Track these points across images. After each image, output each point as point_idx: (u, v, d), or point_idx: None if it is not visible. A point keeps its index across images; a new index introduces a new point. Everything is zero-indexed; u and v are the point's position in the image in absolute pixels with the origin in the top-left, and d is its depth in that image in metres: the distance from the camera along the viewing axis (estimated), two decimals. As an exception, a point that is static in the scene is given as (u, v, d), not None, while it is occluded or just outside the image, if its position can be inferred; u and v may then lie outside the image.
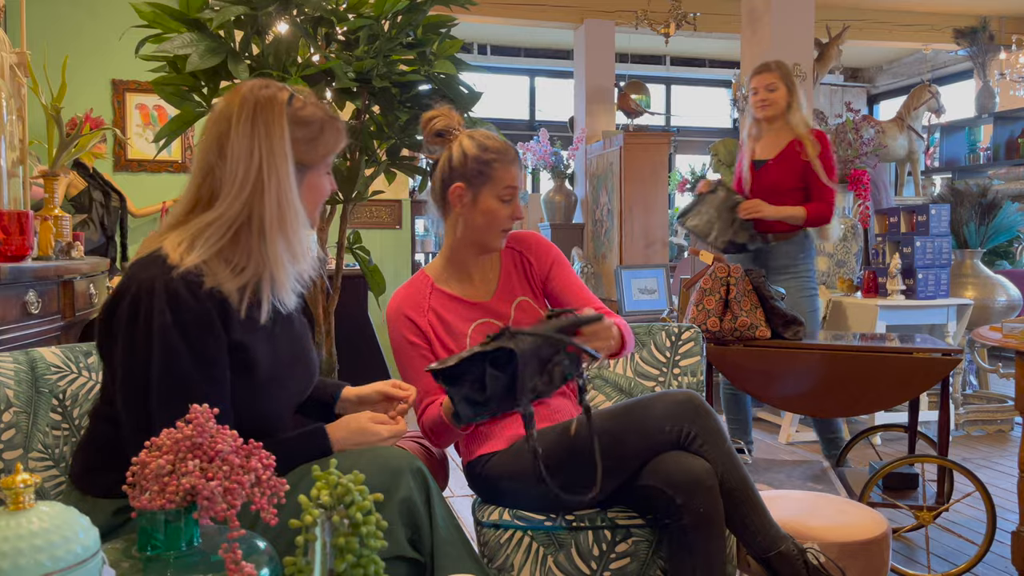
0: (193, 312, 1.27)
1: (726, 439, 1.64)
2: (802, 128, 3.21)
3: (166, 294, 1.26)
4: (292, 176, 1.33)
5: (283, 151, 1.32)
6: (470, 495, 3.24)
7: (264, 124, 1.31)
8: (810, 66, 5.50)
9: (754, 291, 2.62)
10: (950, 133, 7.65)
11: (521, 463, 1.69)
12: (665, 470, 1.59)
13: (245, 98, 1.33)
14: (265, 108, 1.32)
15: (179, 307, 1.26)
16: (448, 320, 1.76)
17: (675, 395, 1.66)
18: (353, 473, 1.03)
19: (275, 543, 1.13)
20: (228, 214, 1.30)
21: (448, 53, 2.32)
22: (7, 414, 1.41)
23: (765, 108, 3.23)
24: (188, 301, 1.26)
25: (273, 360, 1.38)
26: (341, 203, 2.45)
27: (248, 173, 1.30)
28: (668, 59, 8.71)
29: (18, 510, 0.87)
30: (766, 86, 3.23)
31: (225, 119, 1.33)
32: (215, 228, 1.30)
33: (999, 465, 3.65)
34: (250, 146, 1.31)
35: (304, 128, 1.36)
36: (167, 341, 1.25)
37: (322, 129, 1.38)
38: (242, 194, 1.30)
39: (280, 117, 1.33)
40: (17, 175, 2.42)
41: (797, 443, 4.06)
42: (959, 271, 4.40)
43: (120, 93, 4.70)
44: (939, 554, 2.64)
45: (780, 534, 1.63)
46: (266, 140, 1.31)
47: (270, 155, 1.31)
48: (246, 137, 1.31)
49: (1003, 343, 2.26)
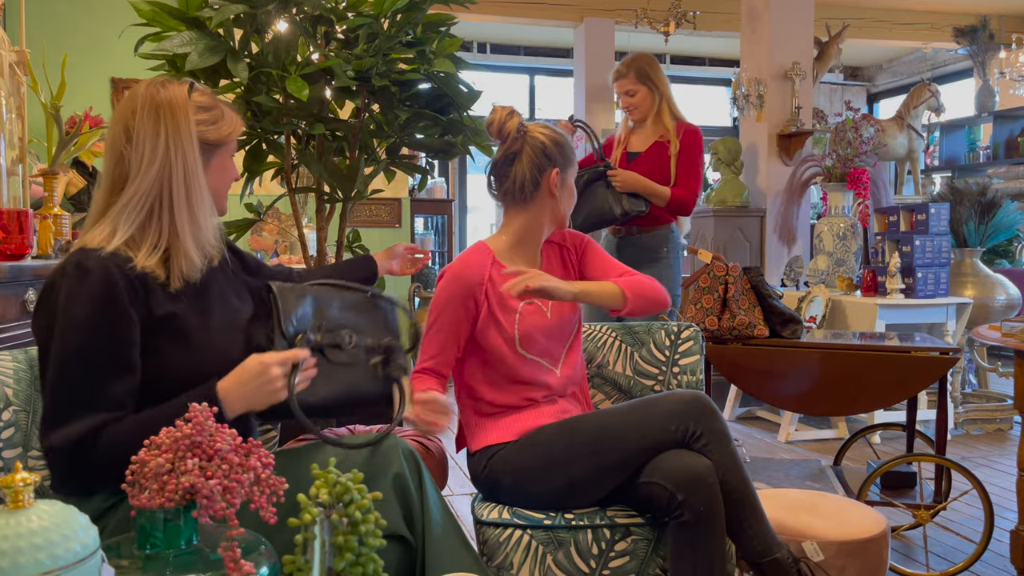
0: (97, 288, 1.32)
1: (730, 441, 1.65)
2: (671, 126, 3.17)
3: (76, 271, 1.33)
4: (198, 155, 1.42)
5: (188, 131, 1.41)
6: (469, 494, 3.25)
7: (168, 108, 1.40)
8: (810, 65, 5.50)
9: (752, 290, 2.62)
10: (950, 132, 7.65)
11: (527, 458, 1.70)
12: (667, 467, 1.60)
13: (147, 90, 1.42)
14: (167, 96, 1.41)
15: (85, 283, 1.32)
16: (505, 297, 1.80)
17: (682, 394, 1.68)
18: (352, 472, 1.03)
19: (274, 541, 1.13)
20: (139, 192, 1.38)
21: (448, 52, 2.32)
22: (6, 412, 1.41)
23: (632, 112, 3.22)
24: (94, 276, 1.32)
25: (206, 326, 1.43)
26: (340, 202, 2.45)
27: (155, 152, 1.39)
28: (668, 58, 8.71)
29: (17, 508, 0.87)
30: (625, 92, 3.20)
31: (130, 109, 1.41)
32: (130, 208, 1.39)
33: (998, 464, 3.65)
34: (155, 128, 1.39)
35: (205, 112, 1.45)
36: (69, 312, 1.31)
37: (223, 113, 1.48)
38: (150, 172, 1.38)
39: (183, 101, 1.42)
40: (16, 174, 2.42)
41: (796, 442, 4.06)
42: (958, 270, 4.40)
43: (119, 91, 4.70)
44: (937, 553, 2.65)
45: (776, 541, 1.63)
46: (171, 120, 1.40)
47: (176, 134, 1.39)
48: (151, 120, 1.39)
49: (1002, 342, 2.26)
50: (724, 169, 5.32)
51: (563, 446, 1.69)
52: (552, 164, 1.83)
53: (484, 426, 1.81)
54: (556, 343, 1.86)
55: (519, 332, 1.79)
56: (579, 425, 1.71)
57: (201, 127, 1.43)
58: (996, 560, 2.56)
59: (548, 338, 1.83)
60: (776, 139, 5.44)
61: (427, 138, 2.46)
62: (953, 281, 4.32)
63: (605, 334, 2.14)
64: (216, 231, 1.50)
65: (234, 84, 2.24)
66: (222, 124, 1.47)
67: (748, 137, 5.61)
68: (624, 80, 3.19)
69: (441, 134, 2.43)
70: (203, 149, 1.44)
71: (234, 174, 1.54)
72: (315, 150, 2.42)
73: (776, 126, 5.43)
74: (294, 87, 2.06)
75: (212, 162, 1.47)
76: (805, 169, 4.93)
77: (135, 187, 1.39)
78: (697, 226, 5.45)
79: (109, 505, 1.34)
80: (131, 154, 1.39)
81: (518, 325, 1.79)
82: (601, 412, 1.74)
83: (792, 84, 5.40)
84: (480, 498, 1.84)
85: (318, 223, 2.50)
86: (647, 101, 3.18)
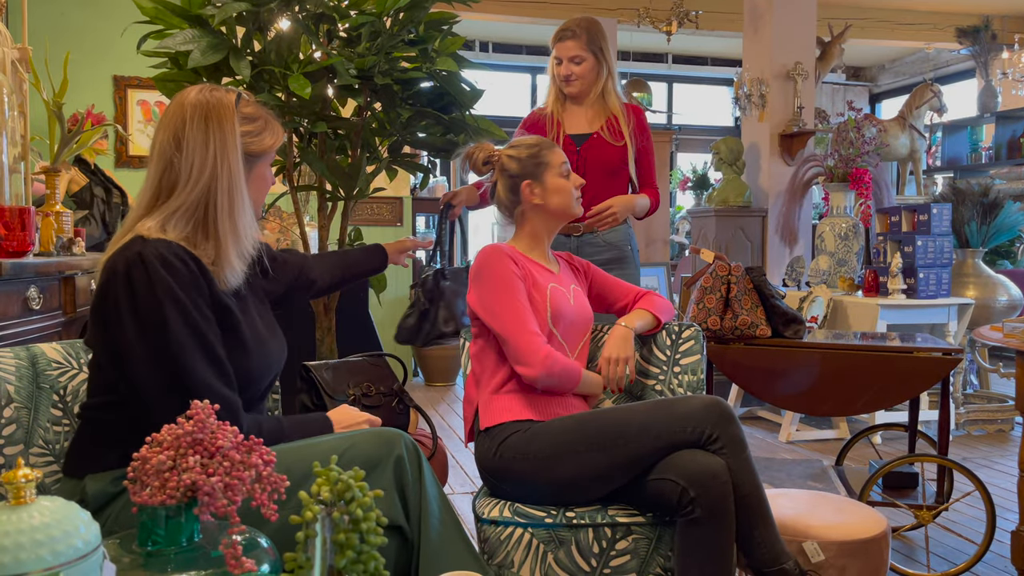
0: (184, 274, 1.38)
1: (746, 448, 1.65)
2: (619, 107, 2.67)
3: (158, 260, 1.36)
4: (241, 166, 1.46)
5: (234, 143, 1.45)
6: (470, 493, 3.25)
7: (217, 119, 1.44)
8: (812, 64, 5.49)
9: (755, 290, 2.61)
10: (952, 132, 7.64)
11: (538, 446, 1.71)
12: (681, 464, 1.61)
13: (197, 99, 1.46)
14: (216, 106, 1.45)
15: (173, 270, 1.36)
16: (535, 276, 1.91)
17: (701, 398, 1.69)
18: (354, 469, 1.03)
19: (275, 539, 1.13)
20: (189, 200, 1.42)
21: (450, 50, 2.32)
22: (8, 409, 1.41)
23: (570, 83, 2.63)
24: (176, 264, 1.37)
25: (252, 324, 1.51)
26: (342, 200, 2.45)
27: (204, 163, 1.42)
28: (670, 57, 8.70)
29: (19, 505, 0.87)
30: (571, 58, 2.61)
31: (180, 118, 1.44)
32: (180, 214, 1.42)
33: (999, 465, 3.65)
34: (205, 139, 1.43)
35: (250, 123, 1.49)
36: (176, 298, 1.35)
37: (266, 124, 1.52)
38: (200, 182, 1.42)
39: (231, 113, 1.46)
40: (19, 171, 2.42)
41: (797, 442, 4.06)
42: (960, 270, 4.40)
43: (122, 89, 4.70)
44: (939, 553, 2.64)
45: (784, 551, 1.63)
46: (219, 133, 1.44)
47: (223, 147, 1.43)
48: (200, 132, 1.43)
49: (1004, 343, 2.26)
50: (726, 169, 5.32)
51: (576, 437, 1.69)
52: (522, 179, 1.95)
53: (505, 402, 1.82)
54: (575, 331, 1.94)
55: (551, 307, 1.88)
56: (593, 418, 1.72)
57: (246, 139, 1.47)
58: (997, 561, 2.56)
59: (570, 322, 1.92)
60: (778, 139, 5.44)
61: (429, 136, 2.46)
62: (955, 282, 4.32)
63: (606, 333, 2.14)
64: (256, 241, 1.55)
65: (237, 82, 2.24)
66: (265, 135, 1.51)
67: (750, 137, 5.61)
68: (572, 42, 2.59)
69: (443, 133, 2.43)
70: (245, 160, 1.48)
71: (270, 182, 1.59)
72: (317, 148, 2.42)
73: (778, 126, 5.43)
74: (296, 85, 2.06)
75: (253, 172, 1.51)
76: (807, 169, 4.93)
77: (185, 195, 1.42)
78: (699, 226, 5.45)
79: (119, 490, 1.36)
80: (181, 163, 1.42)
81: (549, 300, 1.89)
82: (617, 408, 1.76)
83: (794, 84, 5.40)
84: (481, 495, 1.84)
85: (320, 221, 2.50)
86: (592, 74, 2.63)
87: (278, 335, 1.61)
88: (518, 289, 1.83)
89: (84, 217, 3.13)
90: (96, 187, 3.38)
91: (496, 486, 1.80)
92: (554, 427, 1.74)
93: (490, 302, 1.83)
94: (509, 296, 1.82)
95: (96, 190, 3.37)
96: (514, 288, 1.83)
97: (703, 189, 6.96)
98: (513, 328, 1.79)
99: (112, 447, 1.38)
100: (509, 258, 1.88)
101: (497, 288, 1.83)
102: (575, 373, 1.84)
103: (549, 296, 1.89)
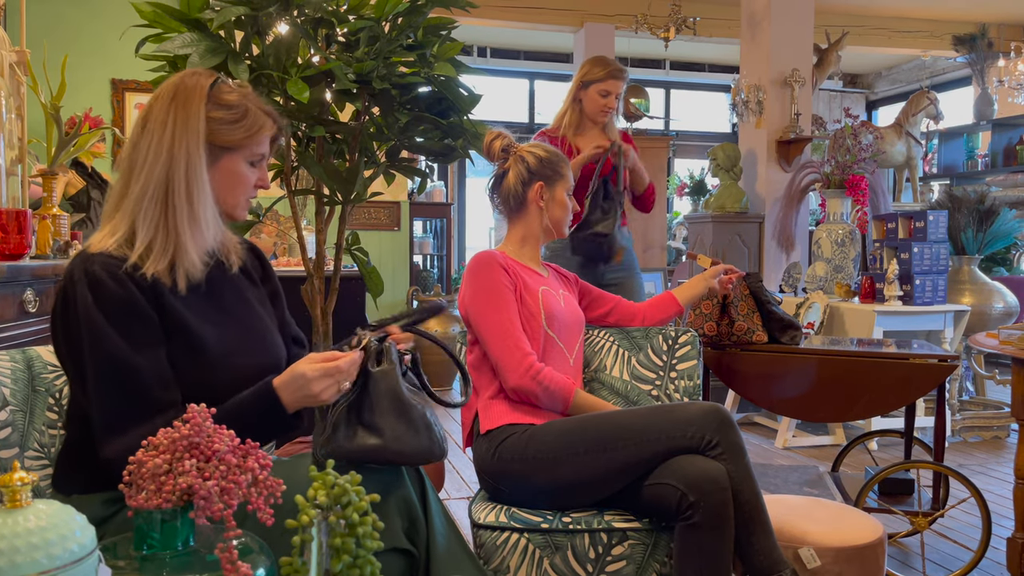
0: (114, 295, 1.29)
1: (746, 455, 1.65)
2: (617, 132, 3.16)
3: (86, 278, 1.30)
4: (202, 152, 1.36)
5: (196, 127, 1.35)
6: (466, 498, 3.25)
7: (183, 99, 1.36)
8: (809, 71, 5.50)
9: (751, 295, 2.62)
10: (948, 139, 7.66)
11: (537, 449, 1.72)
12: (680, 469, 1.61)
13: (173, 80, 1.39)
14: (186, 87, 1.37)
15: (100, 291, 1.29)
16: (526, 280, 1.90)
17: (701, 404, 1.70)
18: (350, 474, 1.03)
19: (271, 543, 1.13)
20: (145, 185, 1.34)
21: (448, 55, 2.33)
22: (3, 412, 1.40)
23: (603, 115, 3.09)
24: (107, 284, 1.29)
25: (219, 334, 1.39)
26: (340, 204, 2.45)
27: (161, 144, 1.34)
28: (668, 63, 8.72)
29: (15, 508, 0.87)
30: (616, 95, 3.08)
31: (154, 96, 1.38)
32: (135, 202, 1.35)
33: (995, 471, 3.66)
34: (165, 119, 1.35)
35: (224, 110, 1.38)
36: (92, 322, 1.28)
37: (244, 114, 1.39)
38: (157, 164, 1.34)
39: (199, 94, 1.36)
40: (16, 174, 2.42)
41: (793, 448, 4.06)
42: (956, 277, 4.41)
43: (120, 92, 4.70)
44: (934, 560, 2.64)
45: (782, 559, 1.63)
46: (182, 112, 1.35)
47: (183, 128, 1.34)
48: (163, 111, 1.35)
49: (1000, 349, 2.26)
50: (723, 175, 5.32)
51: (575, 440, 1.70)
52: (536, 178, 1.97)
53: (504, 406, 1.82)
54: (570, 332, 1.96)
55: (544, 309, 1.89)
56: (593, 422, 1.72)
57: (212, 125, 1.36)
58: (993, 568, 2.56)
59: (564, 323, 1.94)
60: (775, 145, 5.45)
61: (427, 141, 2.46)
62: (951, 288, 4.33)
63: (603, 338, 2.14)
64: (221, 233, 1.44)
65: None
66: (237, 128, 1.38)
67: (747, 143, 5.62)
68: (619, 82, 3.08)
69: (441, 137, 2.43)
70: (209, 148, 1.36)
71: (248, 181, 1.44)
72: (315, 152, 2.42)
73: (775, 132, 5.44)
74: (295, 89, 2.06)
75: (219, 164, 1.39)
76: (804, 175, 4.94)
77: (143, 179, 1.34)
78: (696, 231, 5.46)
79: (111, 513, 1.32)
80: (141, 143, 1.36)
81: (542, 303, 1.90)
82: (616, 412, 1.76)
83: (791, 91, 5.41)
84: (478, 499, 1.84)
85: (317, 225, 2.50)
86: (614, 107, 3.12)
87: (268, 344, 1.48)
88: (508, 302, 1.85)
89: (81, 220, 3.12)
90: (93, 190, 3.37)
91: (494, 489, 1.80)
92: (553, 429, 1.74)
93: (477, 312, 1.86)
94: (496, 309, 1.83)
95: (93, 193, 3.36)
96: (504, 301, 1.84)
97: (700, 195, 6.98)
98: (498, 339, 1.81)
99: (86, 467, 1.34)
100: (501, 267, 1.89)
101: (487, 299, 1.85)
102: (566, 390, 1.82)
103: (541, 299, 1.90)
